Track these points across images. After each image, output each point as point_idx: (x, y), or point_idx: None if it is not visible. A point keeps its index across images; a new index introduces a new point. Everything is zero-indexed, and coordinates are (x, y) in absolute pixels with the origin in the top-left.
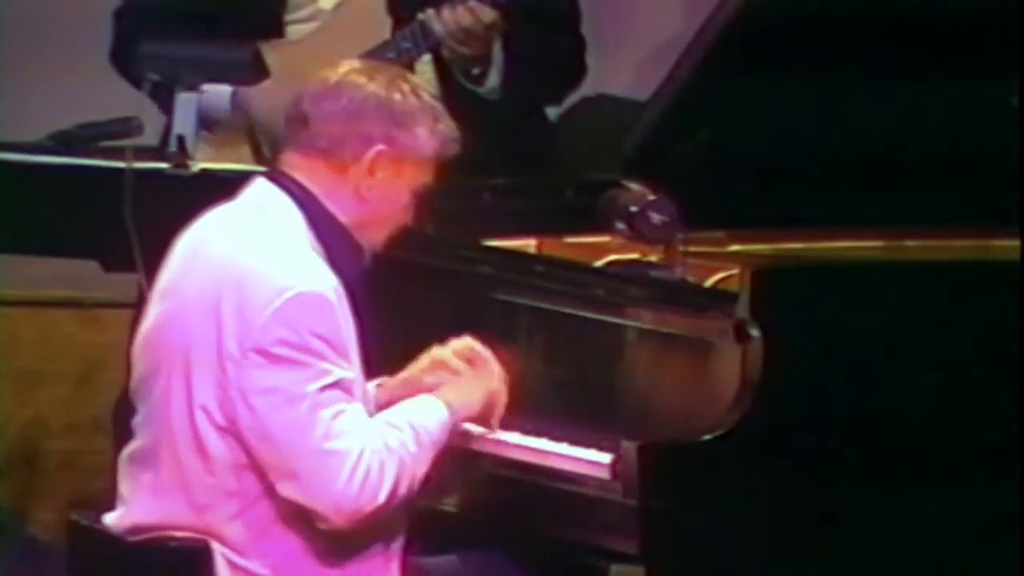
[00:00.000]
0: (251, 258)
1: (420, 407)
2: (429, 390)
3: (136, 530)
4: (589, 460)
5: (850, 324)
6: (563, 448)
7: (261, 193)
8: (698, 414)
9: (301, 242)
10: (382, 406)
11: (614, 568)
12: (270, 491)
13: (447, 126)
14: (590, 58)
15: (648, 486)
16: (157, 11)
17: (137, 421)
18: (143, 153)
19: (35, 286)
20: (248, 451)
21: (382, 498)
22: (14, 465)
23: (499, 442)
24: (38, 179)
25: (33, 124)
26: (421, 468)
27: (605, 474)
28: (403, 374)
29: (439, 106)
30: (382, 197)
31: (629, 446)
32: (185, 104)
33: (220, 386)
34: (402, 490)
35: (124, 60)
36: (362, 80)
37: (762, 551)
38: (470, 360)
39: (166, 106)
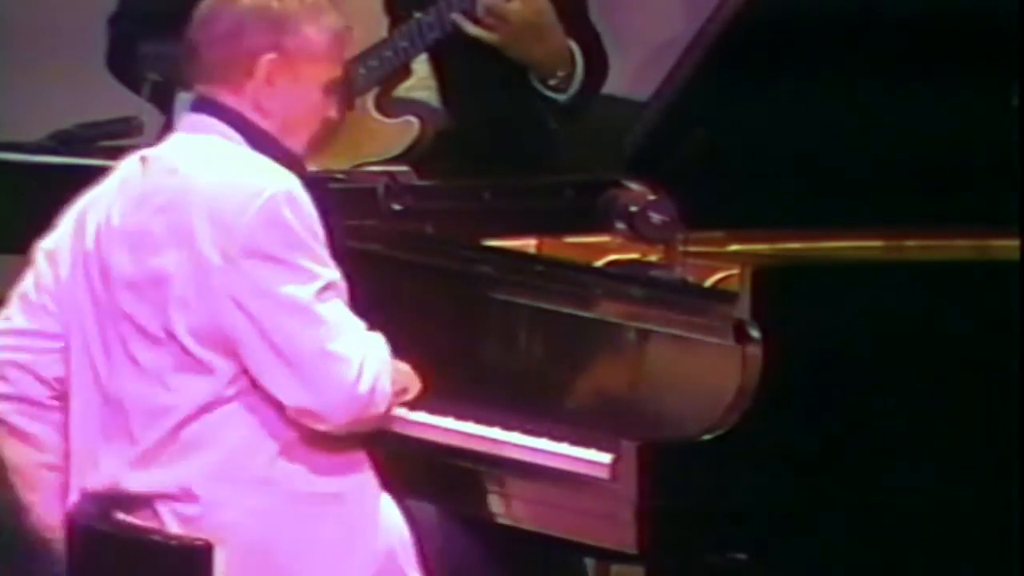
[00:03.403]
0: (212, 173)
1: None
2: None
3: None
4: (589, 460)
5: (850, 324)
6: (563, 448)
7: (193, 123)
8: (698, 414)
9: (250, 152)
10: None
11: (614, 568)
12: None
13: (334, 19)
14: None
15: (648, 486)
16: (151, 15)
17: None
18: None
19: None
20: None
21: (383, 406)
22: None
23: (499, 442)
24: (38, 179)
25: (33, 124)
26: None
27: (605, 474)
28: None
29: (322, 1)
30: (286, 104)
31: (629, 446)
32: (185, 104)
33: (200, 299)
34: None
35: (120, 65)
36: None
37: (762, 551)
38: None
39: (166, 107)
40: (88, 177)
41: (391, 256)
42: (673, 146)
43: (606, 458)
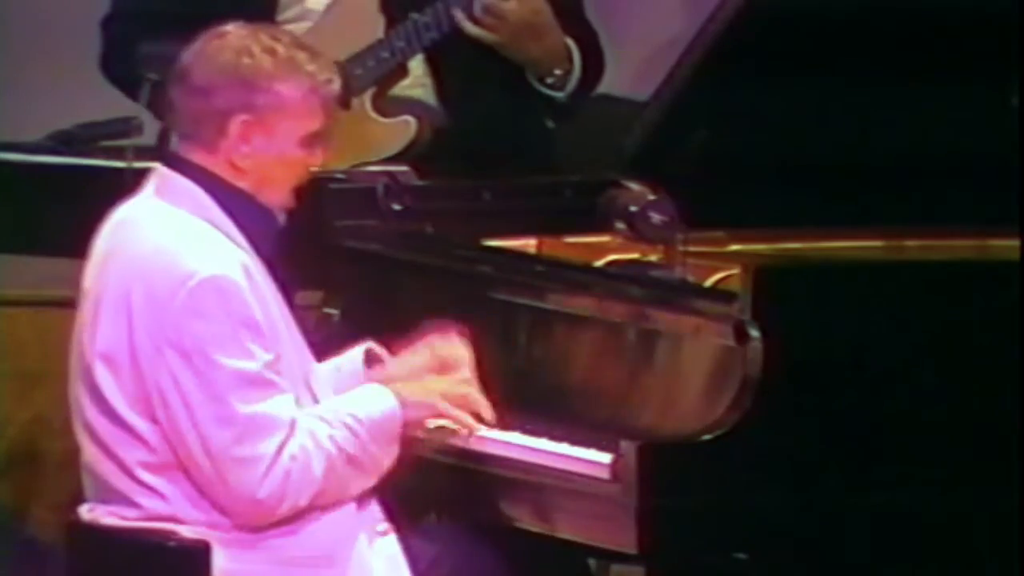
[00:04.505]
0: (155, 248)
1: (365, 397)
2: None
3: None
4: (589, 460)
5: (850, 324)
6: (563, 448)
7: (161, 181)
8: (698, 414)
9: (206, 223)
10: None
11: (614, 568)
12: None
13: (311, 71)
14: None
15: (648, 486)
16: (146, 16)
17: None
18: (143, 153)
19: (35, 286)
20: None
21: (304, 500)
22: (14, 465)
23: (499, 442)
24: (38, 179)
25: (33, 124)
26: (371, 461)
27: (605, 474)
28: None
29: (301, 53)
30: (263, 161)
31: (629, 446)
32: None
33: (135, 381)
34: (335, 486)
35: (114, 67)
36: (212, 50)
37: (762, 551)
38: (442, 365)
39: (160, 111)
40: (88, 177)
41: (391, 256)
42: (673, 146)
43: (606, 458)
